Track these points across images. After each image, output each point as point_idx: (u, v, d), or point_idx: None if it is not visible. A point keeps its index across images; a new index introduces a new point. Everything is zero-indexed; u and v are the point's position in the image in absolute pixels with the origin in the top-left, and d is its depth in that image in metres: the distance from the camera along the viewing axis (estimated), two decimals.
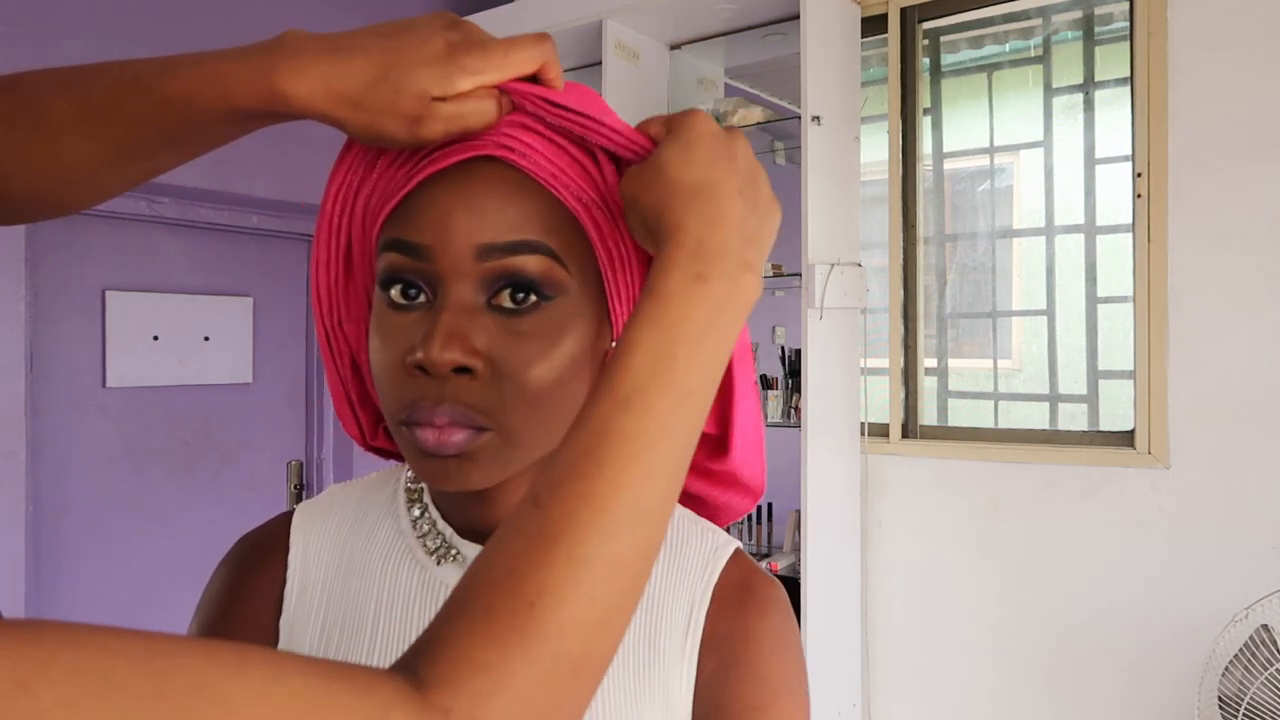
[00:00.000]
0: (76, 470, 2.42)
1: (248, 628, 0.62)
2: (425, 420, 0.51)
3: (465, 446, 0.51)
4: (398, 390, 0.52)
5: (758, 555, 2.75)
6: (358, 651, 0.60)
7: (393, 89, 0.49)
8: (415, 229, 0.52)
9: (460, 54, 0.50)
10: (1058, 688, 2.43)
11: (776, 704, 0.58)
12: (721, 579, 0.61)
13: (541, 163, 0.53)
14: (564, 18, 2.76)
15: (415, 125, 0.50)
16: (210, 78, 0.50)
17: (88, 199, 0.55)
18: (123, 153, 0.52)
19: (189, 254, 2.66)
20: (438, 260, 0.52)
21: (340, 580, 0.63)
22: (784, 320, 3.39)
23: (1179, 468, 2.27)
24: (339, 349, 0.61)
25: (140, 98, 0.50)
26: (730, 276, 0.48)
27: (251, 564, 0.64)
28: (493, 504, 0.59)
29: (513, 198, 0.52)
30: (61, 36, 2.19)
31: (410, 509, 0.63)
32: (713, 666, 0.59)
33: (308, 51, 0.49)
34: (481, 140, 0.52)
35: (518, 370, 0.52)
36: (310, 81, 0.49)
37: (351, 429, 0.64)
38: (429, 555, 0.61)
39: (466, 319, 0.51)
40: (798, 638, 0.62)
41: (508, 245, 0.51)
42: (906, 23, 2.69)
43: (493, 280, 0.52)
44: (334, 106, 0.49)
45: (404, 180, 0.53)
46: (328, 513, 0.66)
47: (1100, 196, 3.00)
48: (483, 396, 0.51)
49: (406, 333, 0.52)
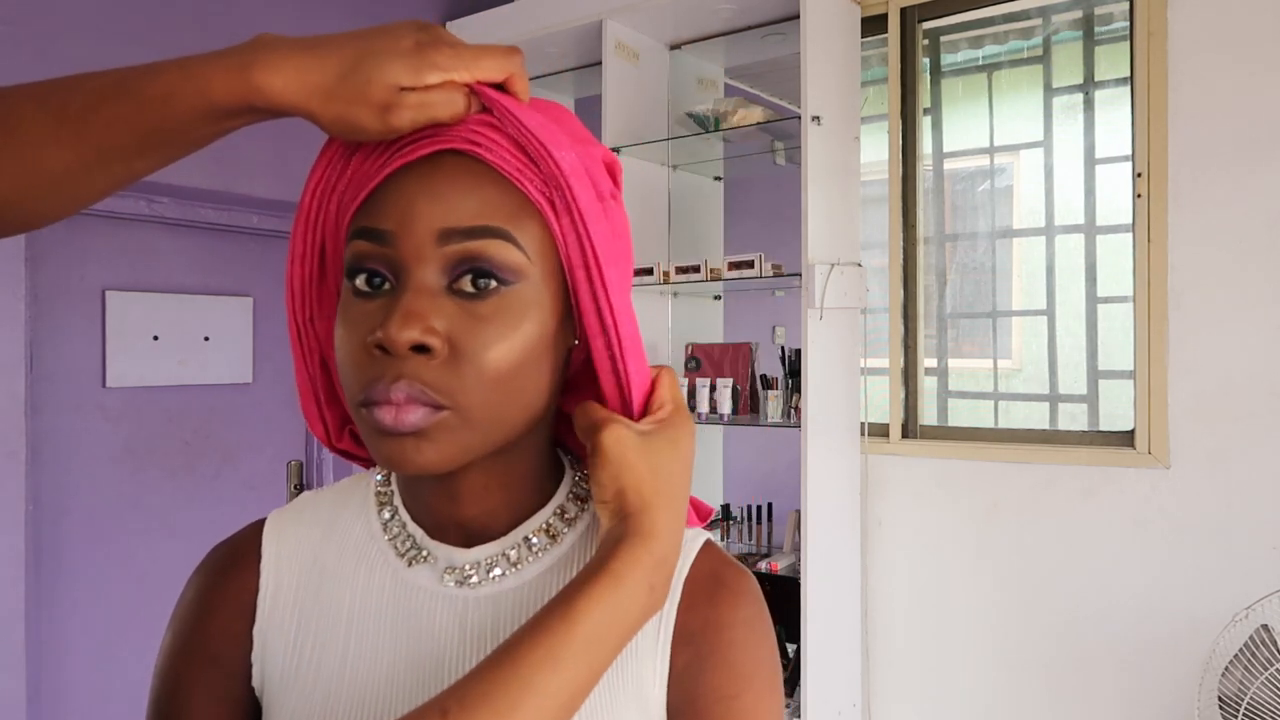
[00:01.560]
0: (76, 470, 2.42)
1: (221, 636, 0.62)
2: (382, 398, 0.52)
3: (422, 424, 0.52)
4: (358, 371, 0.53)
5: (757, 555, 2.75)
6: (330, 656, 0.61)
7: (364, 79, 0.51)
8: (380, 216, 0.54)
9: (430, 51, 0.52)
10: (1058, 687, 2.43)
11: (750, 693, 0.59)
12: (692, 571, 0.62)
13: (507, 157, 0.54)
14: (564, 18, 2.76)
15: (385, 114, 0.52)
16: (189, 76, 0.51)
17: (60, 210, 0.56)
18: (99, 159, 0.53)
19: (189, 254, 2.66)
20: (400, 245, 0.53)
21: (313, 586, 0.63)
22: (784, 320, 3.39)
23: (1179, 468, 2.27)
24: (309, 345, 0.62)
25: (119, 101, 0.52)
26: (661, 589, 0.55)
27: (224, 572, 0.64)
28: (459, 500, 0.60)
29: (476, 187, 0.54)
30: (61, 36, 2.19)
31: (380, 511, 0.64)
32: (685, 658, 0.59)
33: (283, 48, 0.52)
34: (449, 135, 0.54)
35: (476, 352, 0.53)
36: (286, 75, 0.51)
37: (317, 428, 0.64)
38: (400, 557, 0.62)
39: (427, 300, 0.52)
40: (770, 628, 0.63)
41: (468, 230, 0.53)
42: (906, 23, 2.69)
43: (454, 264, 0.53)
44: (308, 99, 0.51)
45: (374, 173, 0.55)
46: (299, 519, 0.66)
47: (1100, 196, 3.00)
48: (440, 376, 0.52)
49: (370, 318, 0.53)
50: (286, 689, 0.61)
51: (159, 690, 0.62)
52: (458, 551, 0.61)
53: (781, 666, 0.68)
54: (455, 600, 0.60)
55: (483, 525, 0.61)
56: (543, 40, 2.86)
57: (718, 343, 2.92)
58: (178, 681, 0.62)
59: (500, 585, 0.60)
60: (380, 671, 0.59)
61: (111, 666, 2.45)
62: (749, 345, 2.76)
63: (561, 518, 0.63)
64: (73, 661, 2.39)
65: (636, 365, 0.59)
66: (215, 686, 0.61)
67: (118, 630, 2.47)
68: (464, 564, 0.61)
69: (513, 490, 0.61)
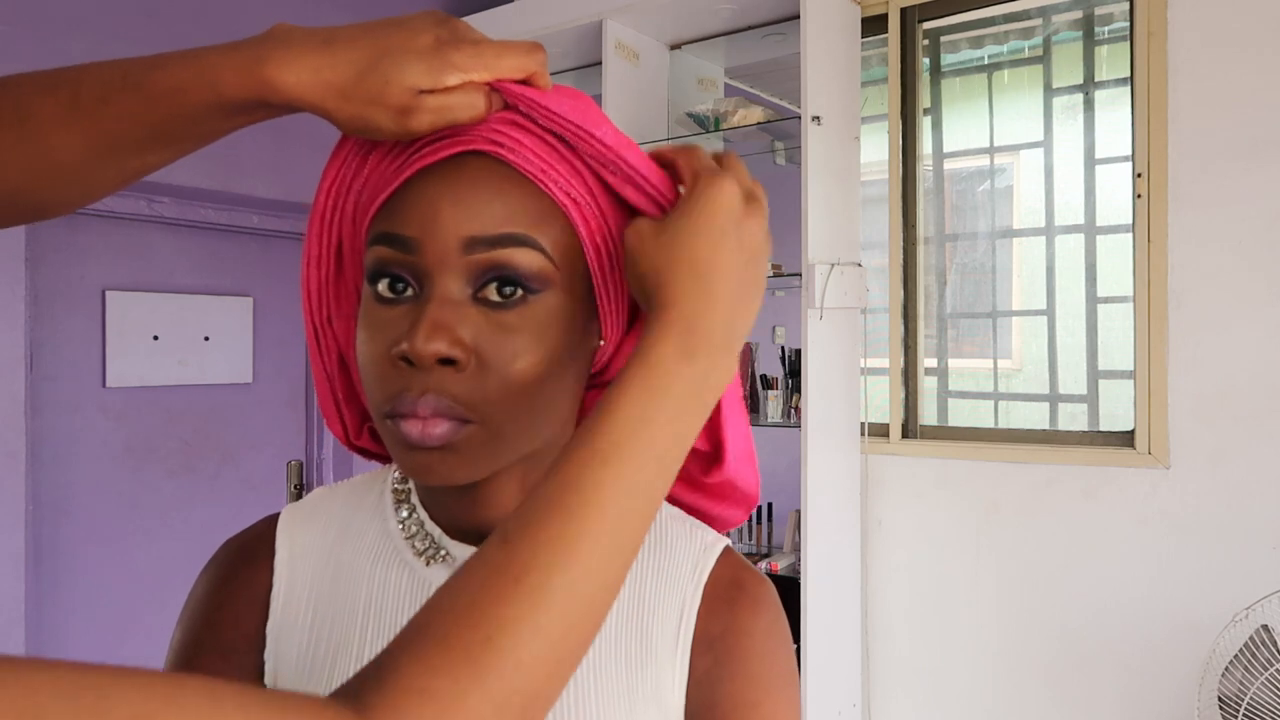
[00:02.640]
0: (76, 470, 2.42)
1: (233, 632, 0.62)
2: (409, 412, 0.51)
3: (449, 439, 0.51)
4: (383, 382, 0.52)
5: (758, 555, 2.75)
6: (346, 655, 0.60)
7: (381, 80, 0.49)
8: (403, 222, 0.52)
9: (449, 50, 0.50)
10: (1058, 688, 2.43)
11: (769, 701, 0.58)
12: (712, 577, 0.61)
13: (531, 158, 0.53)
14: (564, 18, 2.76)
15: (402, 117, 0.50)
16: (201, 70, 0.50)
17: (74, 200, 0.55)
18: (111, 151, 0.52)
19: (189, 254, 2.66)
20: (424, 253, 0.52)
21: (328, 583, 0.62)
22: (784, 320, 3.39)
23: (1179, 468, 2.27)
24: (327, 346, 0.61)
25: (130, 93, 0.50)
26: (713, 357, 0.50)
27: (237, 567, 0.64)
28: (481, 503, 0.59)
29: (500, 192, 0.52)
30: (61, 36, 2.19)
31: (398, 510, 0.63)
32: (705, 665, 0.59)
33: (298, 43, 0.49)
34: (471, 135, 0.52)
35: (503, 363, 0.52)
36: (300, 71, 0.49)
37: (335, 427, 0.64)
38: (418, 556, 0.61)
39: (452, 311, 0.51)
40: (788, 635, 0.62)
41: (494, 238, 0.51)
42: (906, 23, 2.69)
43: (479, 273, 0.52)
44: (323, 97, 0.49)
45: (393, 175, 0.53)
46: (314, 515, 0.65)
47: (1100, 196, 3.00)
48: (467, 389, 0.51)
49: (393, 326, 0.52)
50: (301, 686, 0.60)
51: None
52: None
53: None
54: None
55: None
56: (543, 40, 2.85)
57: None
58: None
59: None
60: None
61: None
62: (749, 345, 2.76)
63: None
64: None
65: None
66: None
67: (118, 630, 2.46)
68: None
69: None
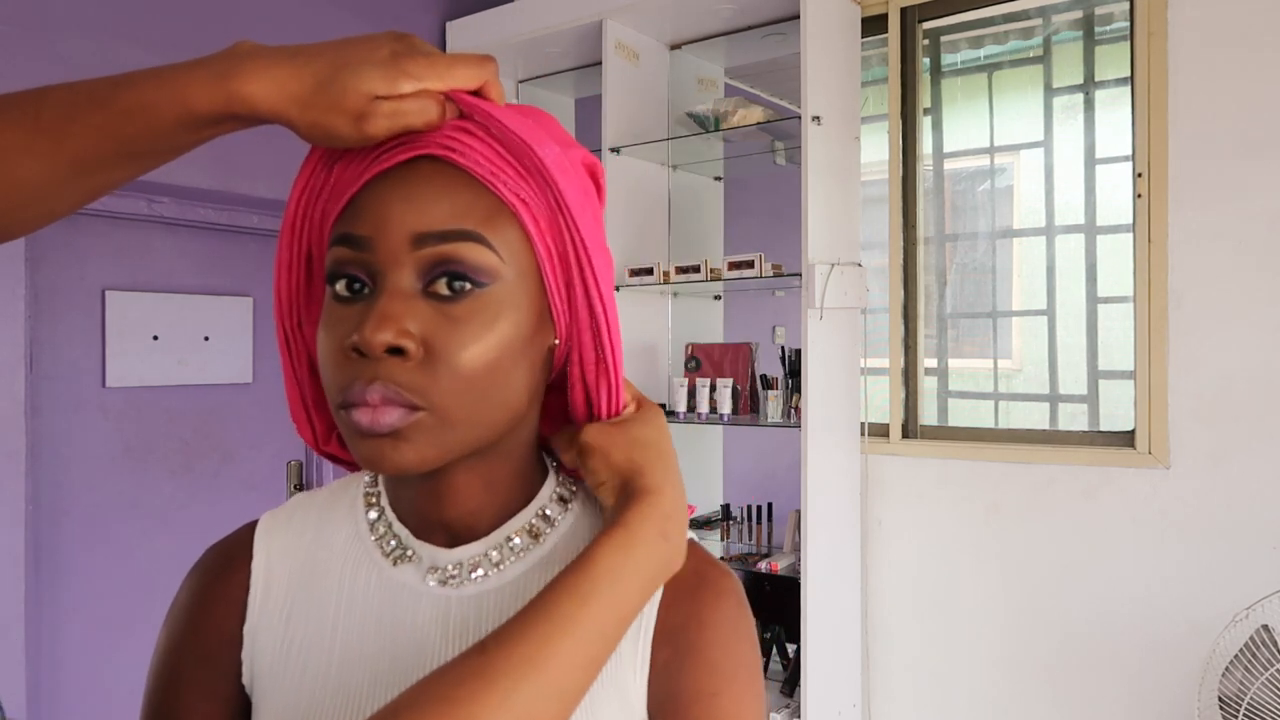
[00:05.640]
0: (76, 470, 2.42)
1: (214, 635, 0.64)
2: (360, 400, 0.53)
3: (398, 425, 0.53)
4: (337, 373, 0.54)
5: (757, 555, 2.75)
6: (318, 653, 0.61)
7: (340, 89, 0.52)
8: (358, 223, 0.55)
9: (405, 60, 0.54)
10: (1058, 688, 2.43)
11: (730, 690, 0.59)
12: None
13: (481, 161, 0.55)
14: (564, 18, 2.76)
15: (360, 122, 0.53)
16: (168, 85, 0.53)
17: (37, 220, 0.57)
18: (75, 171, 0.54)
19: (189, 254, 2.66)
20: (376, 250, 0.54)
21: (302, 585, 0.64)
22: (784, 320, 3.39)
23: (1179, 468, 2.27)
24: (297, 351, 0.63)
25: (97, 111, 0.53)
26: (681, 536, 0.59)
27: (217, 572, 0.66)
28: (445, 501, 0.61)
29: (450, 191, 0.55)
30: (61, 36, 2.19)
31: (368, 512, 0.65)
32: (666, 655, 0.60)
33: (263, 57, 0.53)
34: (424, 141, 0.55)
35: (450, 353, 0.54)
36: (265, 83, 0.52)
37: (305, 432, 0.66)
38: (385, 557, 0.63)
39: (401, 303, 0.54)
40: (752, 627, 0.63)
41: (442, 233, 0.54)
42: (906, 23, 2.69)
43: (428, 268, 0.54)
44: (286, 107, 0.53)
45: (352, 180, 0.56)
46: (290, 520, 0.67)
47: (1100, 196, 3.00)
48: (415, 377, 0.53)
49: (348, 321, 0.55)
50: (275, 686, 0.62)
51: (153, 688, 0.63)
52: (441, 551, 0.62)
53: (763, 665, 0.69)
54: (438, 599, 0.61)
55: (467, 525, 0.62)
56: (543, 40, 2.86)
57: (718, 343, 2.91)
58: (171, 680, 0.63)
59: (483, 585, 0.61)
60: (365, 669, 0.60)
61: (111, 666, 2.45)
62: (749, 345, 2.76)
63: (544, 518, 0.64)
64: (72, 661, 2.39)
65: (620, 359, 0.62)
66: (208, 685, 0.63)
67: (117, 630, 2.47)
68: (447, 564, 0.62)
69: (496, 491, 0.62)
